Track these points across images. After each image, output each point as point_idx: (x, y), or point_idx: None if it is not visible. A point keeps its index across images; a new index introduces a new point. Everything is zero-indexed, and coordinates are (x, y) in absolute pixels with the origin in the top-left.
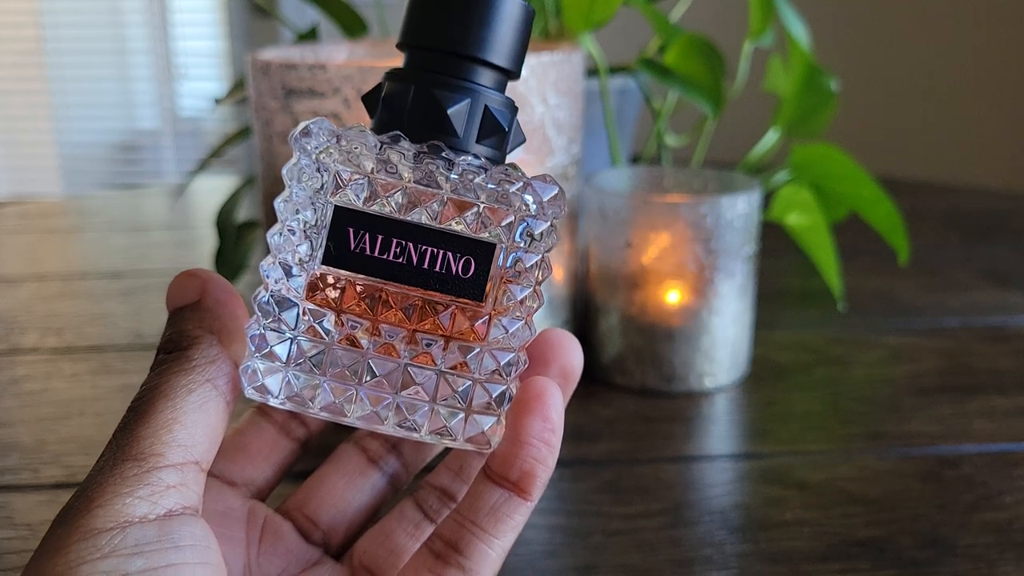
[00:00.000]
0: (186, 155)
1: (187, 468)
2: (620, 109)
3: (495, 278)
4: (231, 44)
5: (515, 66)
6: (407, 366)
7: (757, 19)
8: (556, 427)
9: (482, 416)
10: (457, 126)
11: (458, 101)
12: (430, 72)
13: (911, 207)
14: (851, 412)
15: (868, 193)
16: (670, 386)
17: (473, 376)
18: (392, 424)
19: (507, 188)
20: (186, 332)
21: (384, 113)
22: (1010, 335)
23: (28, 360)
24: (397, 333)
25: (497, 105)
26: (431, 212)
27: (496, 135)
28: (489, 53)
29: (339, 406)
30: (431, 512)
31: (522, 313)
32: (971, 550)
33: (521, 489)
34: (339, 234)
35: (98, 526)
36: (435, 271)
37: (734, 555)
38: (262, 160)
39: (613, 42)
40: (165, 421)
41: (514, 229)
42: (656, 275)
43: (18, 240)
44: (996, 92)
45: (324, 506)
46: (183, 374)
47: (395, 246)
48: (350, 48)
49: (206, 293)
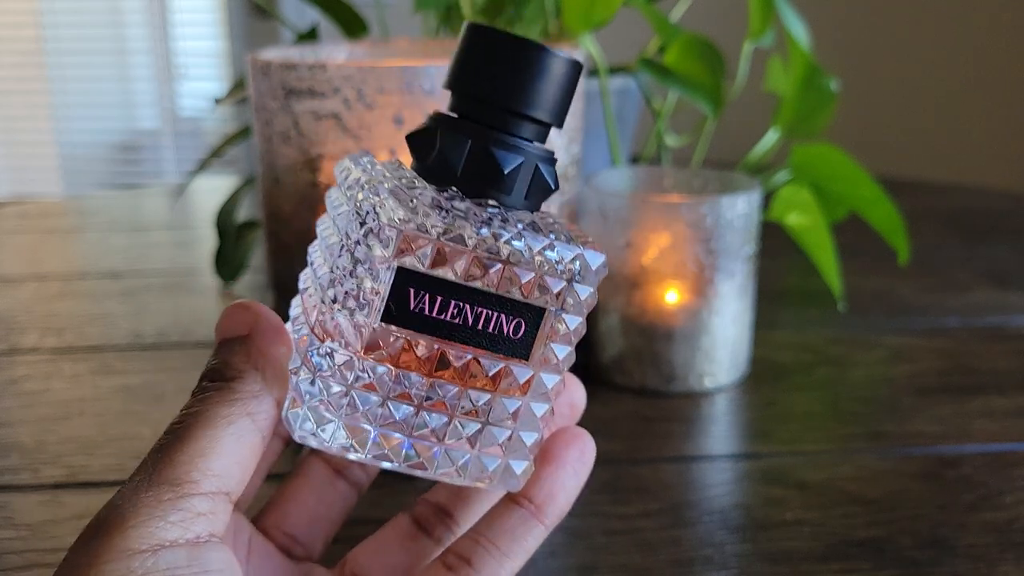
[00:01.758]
0: (186, 155)
1: (218, 498)
2: (620, 109)
3: (542, 339)
4: (231, 44)
5: (560, 120)
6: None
7: (757, 19)
8: (588, 462)
9: (517, 461)
10: (511, 185)
11: (514, 161)
12: (486, 126)
13: (911, 207)
14: (851, 412)
15: (868, 193)
16: (670, 386)
17: (515, 427)
18: (437, 472)
19: (563, 258)
20: (232, 364)
21: (437, 163)
22: (1010, 335)
23: (28, 360)
24: (449, 388)
25: (544, 163)
26: (490, 279)
27: (542, 192)
28: (542, 112)
29: (387, 455)
30: (429, 527)
31: (560, 369)
32: (971, 550)
33: (541, 512)
34: (400, 294)
35: (132, 546)
36: (488, 331)
37: (734, 555)
38: (262, 160)
39: (613, 42)
40: (202, 449)
41: (563, 295)
42: (656, 275)
43: (18, 240)
44: (996, 92)
45: (301, 521)
46: (225, 405)
47: (453, 307)
48: (350, 48)
49: (256, 328)
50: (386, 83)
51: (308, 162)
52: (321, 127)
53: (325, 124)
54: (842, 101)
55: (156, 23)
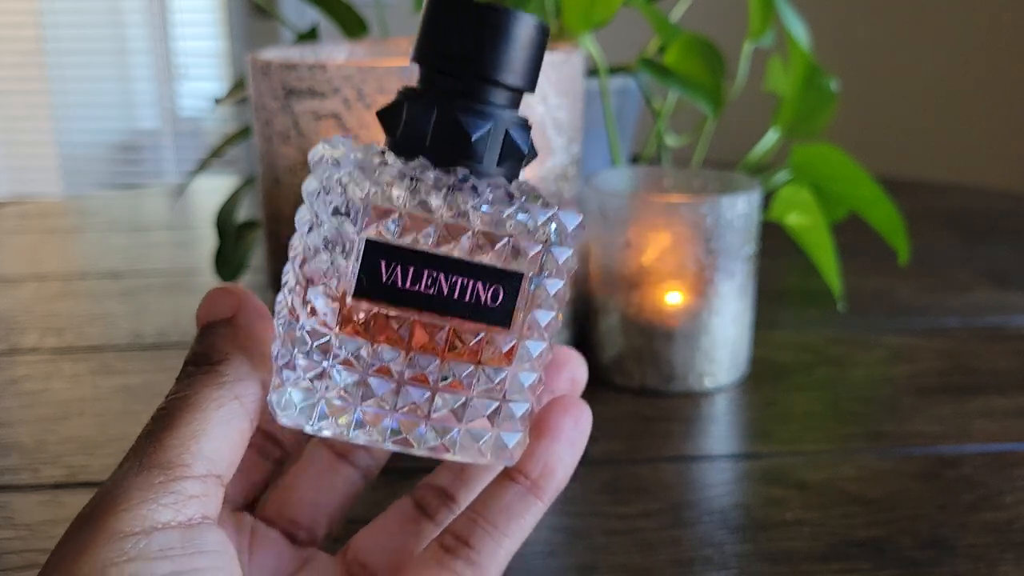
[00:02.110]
0: (186, 155)
1: (209, 480)
2: (620, 109)
3: (521, 305)
4: (231, 44)
5: (531, 83)
6: (439, 392)
7: (757, 19)
8: (584, 432)
9: (508, 434)
10: (480, 151)
11: (481, 127)
12: (451, 94)
13: (911, 207)
14: (851, 412)
15: (868, 193)
16: (670, 386)
17: (501, 398)
18: (424, 447)
19: (535, 219)
20: (218, 347)
21: (404, 136)
22: (1010, 335)
23: (28, 360)
24: (429, 361)
25: (516, 128)
26: (462, 246)
27: (515, 157)
28: (509, 75)
29: (371, 432)
30: (430, 511)
31: (546, 335)
32: (971, 550)
33: (537, 487)
34: (371, 266)
35: (124, 529)
36: (465, 300)
37: (734, 555)
38: (262, 160)
39: (613, 42)
40: (192, 432)
41: (539, 258)
42: (656, 275)
43: (18, 240)
44: (996, 92)
45: (304, 507)
46: (213, 388)
47: (426, 277)
48: (350, 48)
49: (240, 311)
50: (386, 83)
51: (308, 162)
52: (321, 127)
53: (325, 124)
54: (842, 101)
55: (156, 23)
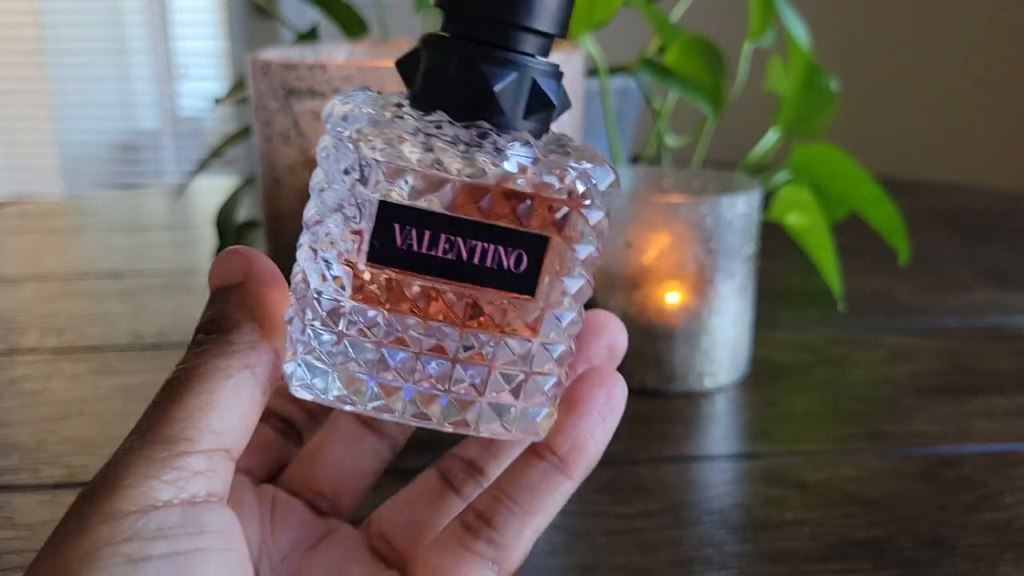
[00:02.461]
0: (186, 155)
1: (216, 455)
2: (620, 109)
3: (547, 271)
4: (231, 44)
5: (562, 29)
6: (459, 363)
7: (757, 19)
8: (618, 407)
9: (535, 408)
10: (504, 105)
11: (505, 77)
12: (473, 42)
13: (911, 207)
14: (851, 412)
15: (868, 193)
16: (670, 386)
17: (526, 370)
18: (444, 422)
19: (562, 177)
20: (227, 314)
21: (423, 87)
22: (1010, 335)
23: (28, 360)
24: (448, 330)
25: (544, 76)
26: (482, 207)
27: (543, 110)
28: (536, 19)
29: (388, 405)
30: (456, 483)
31: (574, 304)
32: (971, 550)
33: (566, 465)
34: (384, 230)
35: (122, 508)
36: (486, 266)
37: (734, 555)
38: (262, 160)
39: (613, 42)
40: (199, 405)
41: (567, 220)
42: (656, 275)
43: (18, 240)
44: (996, 92)
45: (327, 476)
46: (222, 357)
47: (444, 242)
48: (350, 48)
49: (250, 274)
50: (386, 83)
51: (308, 162)
52: (321, 127)
53: None
54: (842, 101)
55: (156, 23)
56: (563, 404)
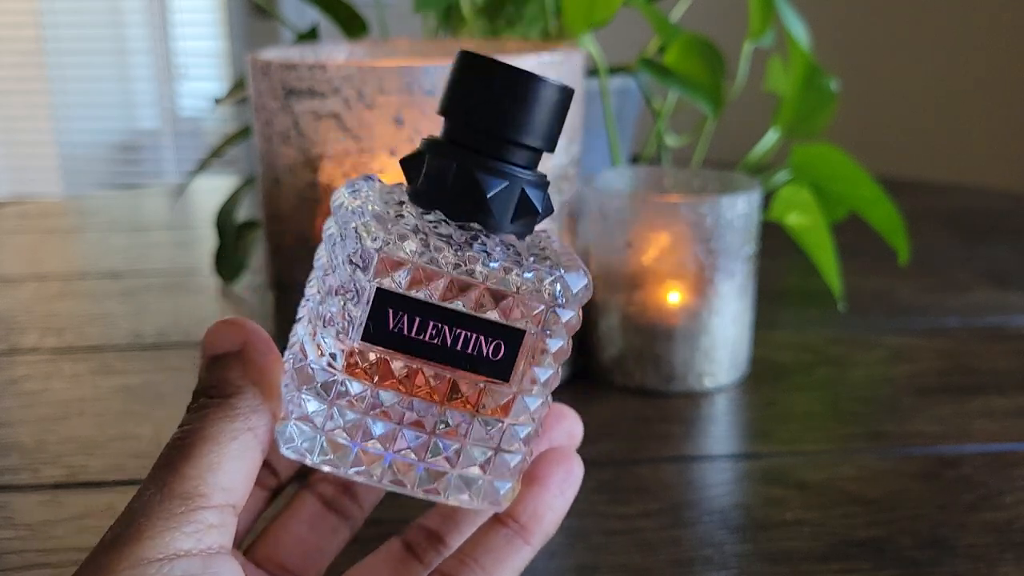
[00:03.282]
0: (186, 155)
1: (226, 510)
2: (620, 109)
3: (522, 360)
4: (231, 44)
5: (551, 145)
6: (436, 438)
7: (757, 19)
8: (574, 483)
9: (500, 481)
10: (495, 210)
11: (497, 185)
12: (471, 151)
13: (911, 207)
14: (851, 412)
15: (868, 193)
16: (670, 386)
17: (496, 447)
18: (417, 489)
19: (541, 279)
20: (229, 380)
21: (424, 186)
22: (1010, 335)
23: (28, 360)
24: (428, 407)
25: (531, 186)
26: (468, 300)
27: (529, 215)
28: (528, 136)
29: (368, 471)
30: (419, 553)
31: (543, 391)
32: (971, 550)
33: (526, 531)
34: (379, 313)
35: (147, 556)
36: (467, 352)
37: (734, 555)
38: (262, 160)
39: (613, 42)
40: (210, 464)
41: (542, 317)
42: (656, 275)
43: (18, 240)
44: (996, 92)
45: (293, 553)
46: (227, 420)
47: (431, 328)
48: (350, 48)
49: (248, 344)
50: (386, 83)
51: (308, 162)
52: (321, 127)
53: (325, 124)
54: (842, 101)
55: (156, 23)
56: (526, 479)
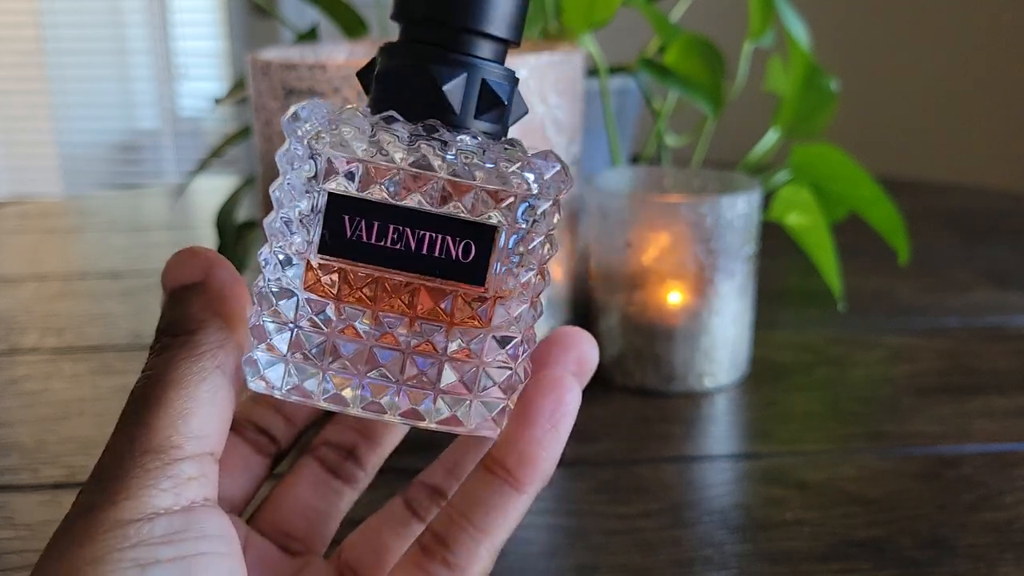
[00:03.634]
0: (186, 155)
1: (204, 459)
2: (620, 109)
3: (497, 261)
4: (231, 44)
5: (515, 35)
6: (410, 355)
7: (757, 19)
8: (569, 411)
9: (489, 402)
10: (454, 103)
11: (453, 76)
12: (425, 46)
13: (911, 207)
14: (851, 412)
15: (868, 193)
16: (670, 386)
17: (477, 362)
18: (396, 413)
19: (506, 167)
20: (192, 315)
21: (378, 91)
22: (1010, 335)
23: (28, 360)
24: (398, 321)
25: (496, 78)
26: (427, 196)
27: (495, 109)
28: (486, 23)
29: (341, 396)
30: (420, 511)
31: (527, 295)
32: (971, 550)
33: (515, 478)
34: (334, 222)
35: (126, 517)
36: (434, 256)
37: (734, 555)
38: (262, 160)
39: (613, 42)
40: (180, 411)
41: (514, 209)
42: (656, 275)
43: (18, 240)
44: (996, 92)
45: (297, 519)
46: (193, 360)
47: (392, 232)
48: (350, 48)
49: (211, 274)
50: None
51: None
52: None
53: None
54: (842, 101)
55: (156, 23)
56: (512, 414)
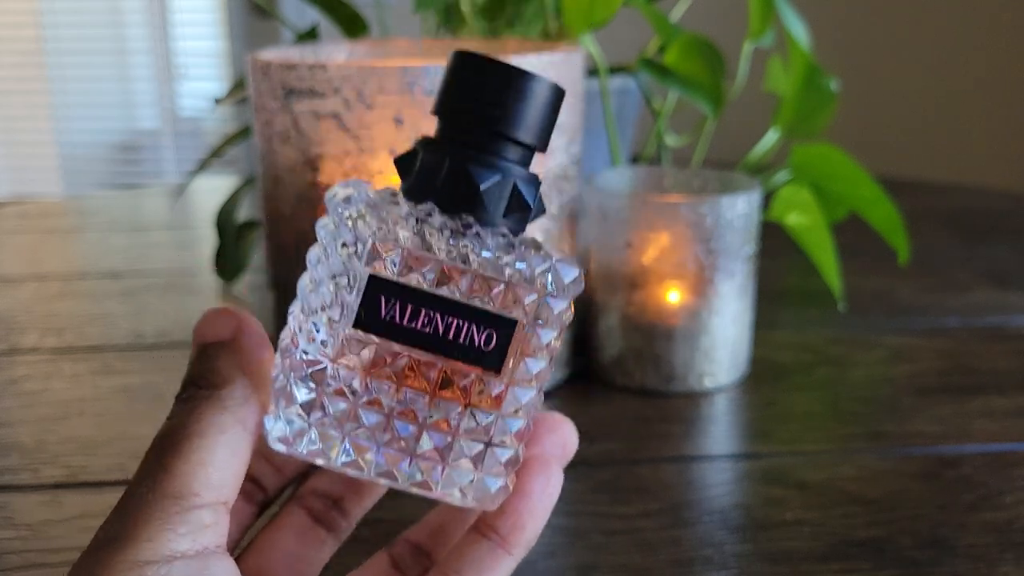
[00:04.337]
0: (186, 155)
1: (219, 508)
2: (620, 109)
3: (514, 351)
4: (231, 44)
5: (543, 142)
6: (426, 429)
7: (757, 19)
8: (553, 492)
9: (491, 478)
10: (488, 202)
11: (490, 178)
12: (464, 146)
13: (911, 207)
14: (851, 412)
15: (868, 193)
16: (670, 386)
17: (486, 441)
18: (407, 483)
19: (533, 268)
20: (219, 370)
21: (417, 181)
22: (1010, 335)
23: (28, 360)
24: (419, 397)
25: (524, 182)
26: (459, 287)
27: (521, 211)
28: (520, 132)
29: (358, 462)
30: (404, 567)
31: (535, 383)
32: (971, 550)
33: (507, 542)
34: (371, 300)
35: (144, 558)
36: (459, 342)
37: (734, 555)
38: (262, 160)
39: (613, 42)
40: (201, 461)
41: (535, 307)
42: (656, 275)
43: (18, 240)
44: (996, 92)
45: (280, 567)
46: (217, 413)
47: (423, 316)
48: (350, 48)
49: (240, 333)
50: (386, 83)
51: (308, 162)
52: (321, 127)
53: (325, 124)
54: (842, 101)
55: (156, 23)
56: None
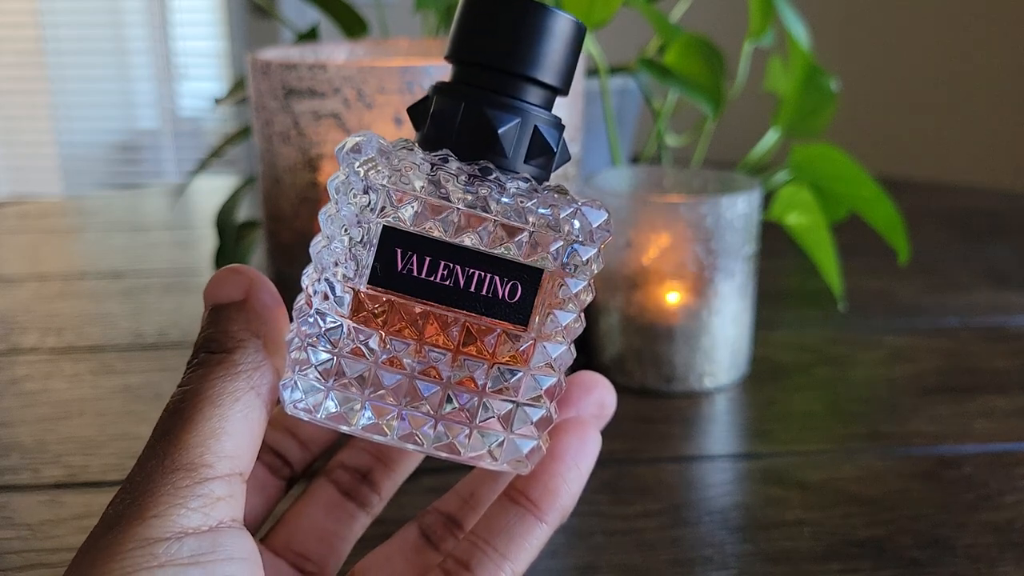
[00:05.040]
0: (186, 155)
1: (233, 480)
2: (620, 109)
3: (541, 303)
4: (231, 44)
5: (564, 84)
6: (450, 389)
7: (757, 19)
8: (591, 452)
9: (522, 439)
10: (507, 146)
11: (509, 121)
12: (480, 89)
13: (911, 207)
14: (851, 412)
15: (868, 193)
16: (670, 386)
17: (515, 399)
18: (432, 446)
19: (557, 213)
20: (231, 333)
21: (432, 129)
22: (1010, 335)
23: (28, 360)
24: (441, 355)
25: (546, 125)
26: (481, 236)
27: (544, 155)
28: (540, 71)
29: (380, 426)
30: (435, 539)
31: (565, 338)
32: (971, 550)
33: (539, 508)
34: (387, 254)
35: (153, 535)
36: (482, 294)
37: (734, 555)
38: (262, 160)
39: (613, 42)
40: (213, 430)
41: (561, 255)
42: (656, 275)
43: (18, 240)
44: (996, 92)
45: (311, 541)
46: (229, 379)
47: (443, 268)
48: (350, 48)
49: (252, 294)
50: (386, 83)
51: (308, 162)
52: (321, 127)
53: (325, 124)
54: (842, 101)
55: (156, 23)
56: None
